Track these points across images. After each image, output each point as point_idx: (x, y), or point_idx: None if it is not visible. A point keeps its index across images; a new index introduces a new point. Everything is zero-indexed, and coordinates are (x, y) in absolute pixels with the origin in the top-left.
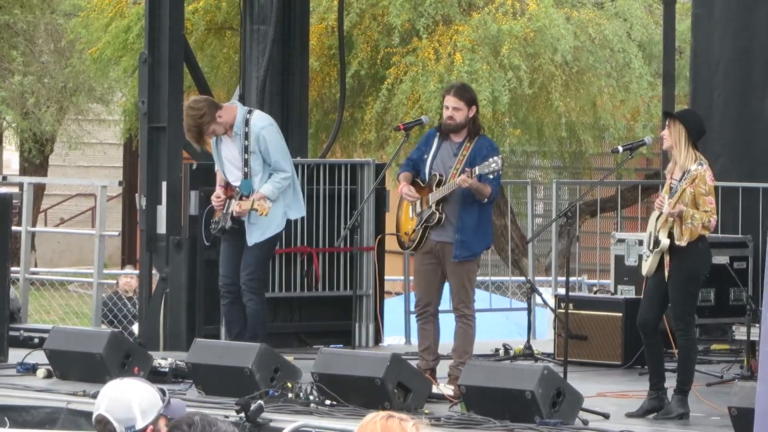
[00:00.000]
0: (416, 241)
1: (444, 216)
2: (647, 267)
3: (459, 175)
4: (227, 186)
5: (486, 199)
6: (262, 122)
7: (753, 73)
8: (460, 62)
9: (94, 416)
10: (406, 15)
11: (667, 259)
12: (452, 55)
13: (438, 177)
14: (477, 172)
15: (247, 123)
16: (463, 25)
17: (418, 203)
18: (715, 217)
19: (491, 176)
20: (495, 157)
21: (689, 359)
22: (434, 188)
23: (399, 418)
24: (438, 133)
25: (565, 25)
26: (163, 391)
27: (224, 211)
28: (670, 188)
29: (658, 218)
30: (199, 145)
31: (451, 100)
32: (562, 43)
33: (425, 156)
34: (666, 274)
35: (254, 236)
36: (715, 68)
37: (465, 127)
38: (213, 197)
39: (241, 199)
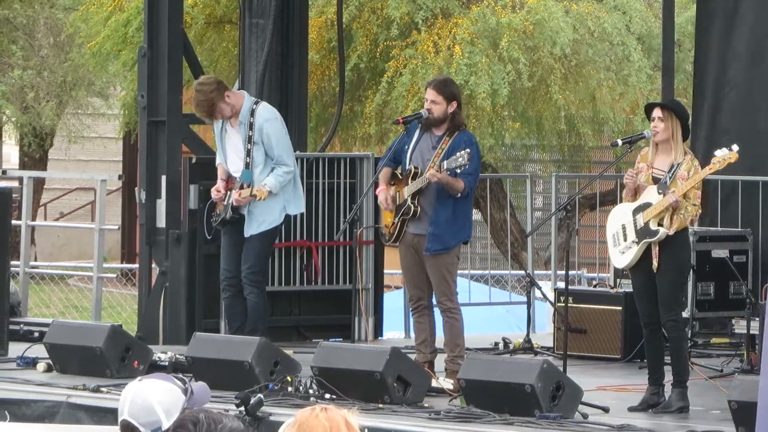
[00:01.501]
0: (395, 234)
1: (420, 209)
2: (629, 260)
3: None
4: (228, 179)
5: (459, 194)
6: (267, 114)
7: (762, 68)
8: (460, 55)
9: (119, 421)
10: (405, 8)
11: (655, 250)
12: (451, 48)
13: (414, 170)
14: (445, 167)
15: (252, 113)
16: (462, 18)
17: (397, 195)
18: (700, 211)
19: (458, 170)
20: (463, 152)
21: (682, 350)
22: (410, 181)
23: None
24: (419, 125)
25: (564, 18)
26: (183, 382)
27: (225, 203)
28: (654, 179)
29: (637, 209)
30: (210, 120)
31: (430, 93)
32: (561, 36)
33: (406, 147)
34: (655, 265)
35: (252, 227)
36: (725, 64)
37: (444, 122)
38: (213, 190)
39: (241, 188)
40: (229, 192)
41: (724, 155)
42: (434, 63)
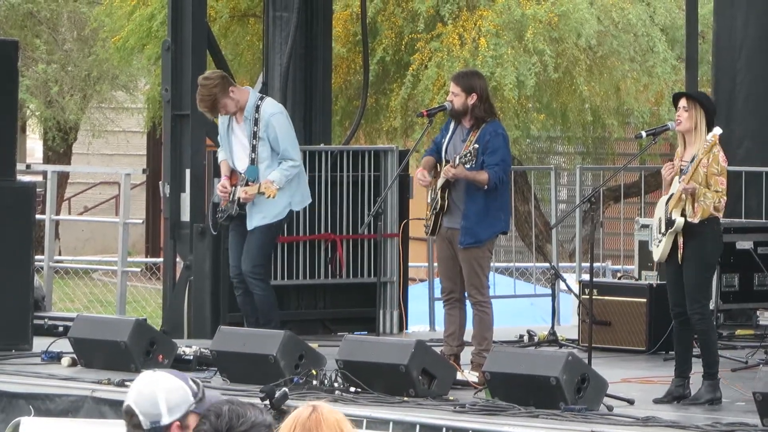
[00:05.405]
0: (431, 227)
1: (448, 203)
2: (660, 252)
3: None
4: (232, 174)
5: (486, 186)
6: (272, 109)
7: None
8: (485, 47)
9: (123, 406)
10: (430, 1)
11: (680, 241)
12: (477, 40)
13: (446, 163)
14: (458, 161)
15: (257, 109)
16: (487, 10)
17: (431, 189)
18: (725, 198)
19: (467, 165)
20: (471, 147)
21: (710, 342)
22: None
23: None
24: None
25: (588, 10)
26: (198, 385)
27: (230, 199)
28: (680, 170)
29: (668, 201)
30: (212, 115)
31: (451, 85)
32: (585, 28)
33: (443, 140)
34: (679, 256)
35: (254, 220)
36: (738, 53)
37: (467, 114)
38: (219, 187)
39: (247, 185)
40: (234, 188)
41: (707, 137)
42: (460, 56)
